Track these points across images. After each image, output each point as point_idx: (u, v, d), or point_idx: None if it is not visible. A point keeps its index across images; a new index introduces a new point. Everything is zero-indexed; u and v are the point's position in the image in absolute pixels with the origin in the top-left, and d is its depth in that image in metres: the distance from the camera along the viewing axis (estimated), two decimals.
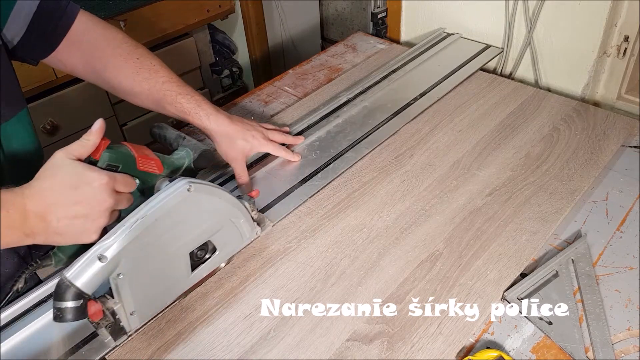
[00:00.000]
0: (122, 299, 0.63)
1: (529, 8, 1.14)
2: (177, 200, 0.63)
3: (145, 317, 0.68)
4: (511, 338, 0.67)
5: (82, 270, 0.57)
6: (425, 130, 1.01)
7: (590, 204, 0.85)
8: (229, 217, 0.72)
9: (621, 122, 0.99)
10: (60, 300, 0.56)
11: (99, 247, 0.58)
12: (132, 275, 0.62)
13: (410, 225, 0.81)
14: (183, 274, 0.70)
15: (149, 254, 0.63)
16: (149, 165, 0.66)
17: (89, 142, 0.60)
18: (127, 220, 0.60)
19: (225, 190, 0.70)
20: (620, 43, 1.08)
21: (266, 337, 0.67)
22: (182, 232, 0.66)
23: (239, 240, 0.77)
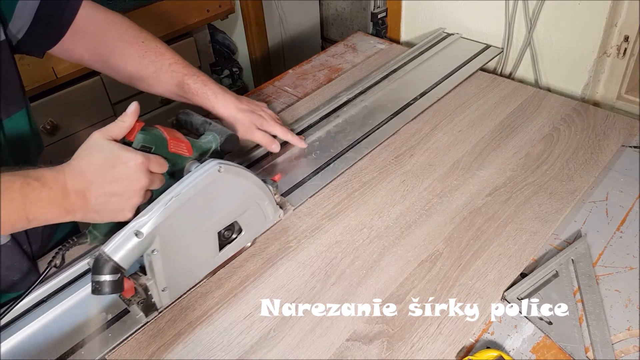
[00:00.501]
0: (154, 275, 0.65)
1: (529, 8, 1.14)
2: (209, 180, 0.66)
3: (176, 294, 0.71)
4: (511, 338, 0.67)
5: (119, 245, 0.60)
6: (425, 130, 1.01)
7: (590, 204, 0.85)
8: (255, 198, 0.75)
9: (621, 122, 0.99)
10: (98, 274, 0.59)
11: (136, 223, 0.61)
12: (165, 252, 0.64)
13: (410, 225, 0.81)
14: (211, 253, 0.73)
15: (181, 232, 0.66)
16: (180, 148, 0.68)
17: (125, 124, 0.62)
18: (162, 199, 0.62)
19: (252, 173, 0.72)
20: (620, 43, 1.08)
21: (266, 337, 0.67)
22: (212, 212, 0.69)
23: (263, 222, 0.80)
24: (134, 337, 0.69)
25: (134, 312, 0.69)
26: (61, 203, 0.57)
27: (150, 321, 0.70)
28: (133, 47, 0.80)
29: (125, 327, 0.69)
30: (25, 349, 0.67)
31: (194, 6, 1.93)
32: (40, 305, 0.72)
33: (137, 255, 0.61)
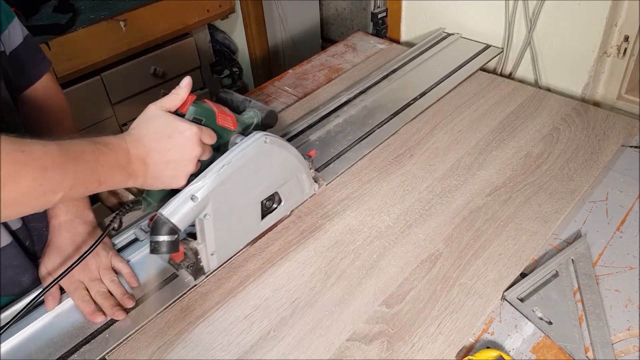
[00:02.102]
0: (205, 240, 0.69)
1: (529, 8, 1.14)
2: (256, 150, 0.70)
3: (222, 258, 0.75)
4: (511, 338, 0.67)
5: (176, 208, 0.64)
6: (425, 130, 1.01)
7: (590, 204, 0.85)
8: (294, 171, 0.80)
9: (621, 122, 0.99)
10: (157, 234, 0.63)
11: (191, 188, 0.65)
12: (216, 217, 0.68)
13: (410, 225, 0.81)
14: (254, 221, 0.77)
15: (230, 199, 0.70)
16: (226, 121, 0.71)
17: (178, 96, 0.65)
18: (214, 166, 0.67)
19: (293, 146, 0.76)
20: (620, 43, 1.08)
21: (266, 337, 0.67)
22: (257, 181, 0.73)
23: (301, 194, 0.84)
24: (134, 337, 0.69)
25: (182, 276, 0.74)
26: (126, 168, 0.60)
27: (150, 321, 0.70)
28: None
29: (175, 290, 0.73)
30: (25, 349, 0.67)
31: (194, 6, 1.93)
32: (40, 307, 0.72)
33: (192, 218, 0.65)
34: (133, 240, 0.82)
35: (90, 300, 0.71)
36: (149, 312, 0.71)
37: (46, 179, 0.52)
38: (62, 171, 0.53)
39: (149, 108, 0.64)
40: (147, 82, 1.91)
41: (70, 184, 0.54)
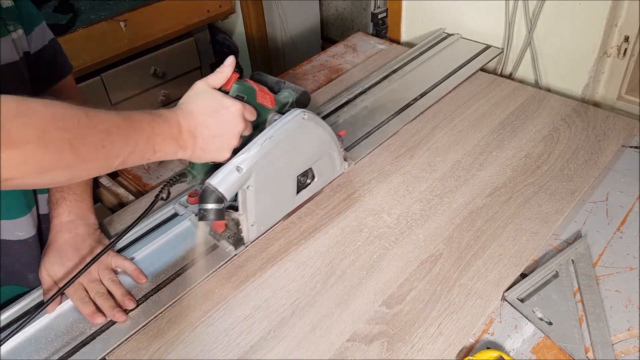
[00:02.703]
0: (246, 211, 0.73)
1: (529, 8, 1.14)
2: (295, 125, 0.74)
3: (261, 229, 0.79)
4: (511, 338, 0.67)
5: (223, 178, 0.68)
6: (426, 130, 1.01)
7: (590, 204, 0.85)
8: (328, 148, 0.84)
9: (621, 122, 0.99)
10: (205, 202, 0.68)
11: (237, 160, 0.69)
12: (257, 188, 0.72)
13: (411, 225, 0.81)
14: (290, 195, 0.82)
15: (271, 172, 0.74)
16: (265, 100, 0.74)
17: (223, 74, 0.69)
18: (258, 140, 0.71)
19: (327, 124, 0.81)
20: (620, 43, 1.08)
21: (266, 338, 0.67)
22: (295, 156, 0.78)
23: (332, 172, 0.89)
24: (134, 337, 0.69)
25: (223, 247, 0.78)
26: (177, 139, 0.64)
27: (150, 321, 0.70)
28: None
29: (216, 260, 0.77)
30: (25, 350, 0.67)
31: (194, 6, 1.92)
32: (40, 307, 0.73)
33: (237, 188, 0.70)
34: (134, 240, 0.82)
35: (90, 301, 0.71)
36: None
37: (109, 141, 0.55)
38: (123, 136, 0.57)
39: (197, 85, 0.68)
40: (147, 82, 1.91)
41: (130, 149, 0.58)
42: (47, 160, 0.50)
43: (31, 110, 0.49)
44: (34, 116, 0.49)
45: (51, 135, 0.50)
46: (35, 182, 0.53)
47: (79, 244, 0.74)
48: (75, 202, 0.77)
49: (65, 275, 0.72)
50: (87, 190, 0.80)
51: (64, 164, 0.52)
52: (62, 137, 0.51)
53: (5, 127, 0.46)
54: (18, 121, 0.47)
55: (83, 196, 0.79)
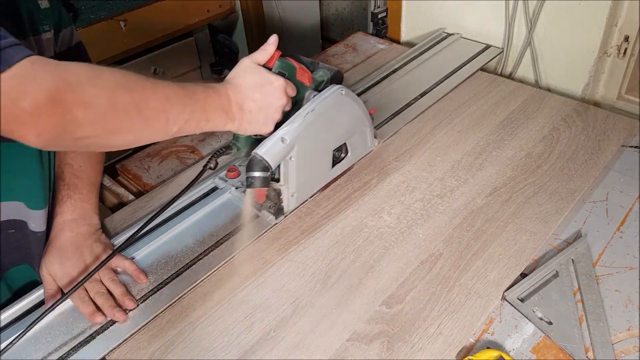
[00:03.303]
0: (288, 181, 0.78)
1: (529, 8, 1.14)
2: (334, 100, 0.79)
3: (299, 200, 0.84)
4: (511, 338, 0.67)
5: (269, 148, 0.73)
6: (426, 130, 1.01)
7: (590, 204, 0.85)
8: (361, 124, 0.89)
9: (621, 122, 0.99)
10: (252, 171, 0.72)
11: (282, 132, 0.74)
12: (299, 160, 0.77)
13: (411, 225, 0.81)
14: (326, 168, 0.86)
15: (311, 145, 0.79)
16: (304, 77, 0.79)
17: (267, 52, 0.74)
18: (300, 113, 0.75)
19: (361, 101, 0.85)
20: (620, 43, 1.08)
21: (266, 337, 0.67)
22: (332, 130, 0.83)
23: (363, 148, 0.93)
24: (134, 337, 0.69)
25: (264, 217, 0.82)
26: (227, 111, 0.68)
27: (151, 321, 0.70)
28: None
29: (258, 228, 0.82)
30: (25, 350, 0.67)
31: (194, 6, 1.92)
32: (39, 307, 0.73)
33: (281, 158, 0.74)
34: (134, 240, 0.81)
35: (90, 301, 0.71)
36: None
37: (169, 106, 0.60)
38: (180, 103, 0.61)
39: (243, 61, 0.73)
40: None
41: (187, 117, 0.62)
42: (116, 121, 0.55)
43: (100, 75, 0.54)
44: (103, 80, 0.54)
45: (119, 97, 0.55)
46: (106, 143, 0.57)
47: (80, 242, 0.74)
48: (80, 202, 0.78)
49: (65, 274, 0.72)
50: (93, 191, 0.81)
51: (130, 126, 0.57)
52: (129, 99, 0.56)
53: (79, 89, 0.51)
54: (90, 83, 0.53)
55: (89, 196, 0.79)
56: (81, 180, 0.79)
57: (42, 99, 0.49)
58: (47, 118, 0.50)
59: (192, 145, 1.05)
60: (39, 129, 0.50)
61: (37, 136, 0.51)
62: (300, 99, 0.79)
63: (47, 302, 0.72)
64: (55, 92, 0.50)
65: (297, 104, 0.78)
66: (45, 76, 0.50)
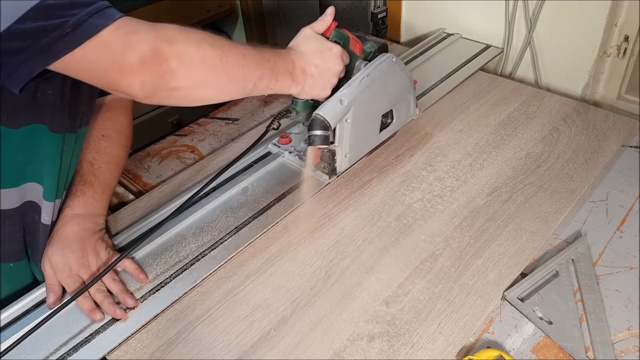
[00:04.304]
0: (342, 142, 0.84)
1: (529, 8, 1.14)
2: (386, 67, 0.85)
3: (351, 161, 0.90)
4: (511, 338, 0.67)
5: (329, 109, 0.79)
6: (426, 130, 1.01)
7: (590, 204, 0.85)
8: (407, 92, 0.94)
9: (621, 122, 0.99)
10: (313, 130, 0.79)
11: (340, 94, 0.80)
12: (353, 122, 0.82)
13: (411, 225, 0.81)
14: (375, 133, 0.92)
15: (365, 108, 0.84)
16: (355, 47, 0.85)
17: (325, 22, 0.81)
18: (357, 77, 0.82)
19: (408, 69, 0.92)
20: (620, 43, 1.08)
21: (266, 337, 0.67)
22: (382, 96, 0.88)
23: (406, 115, 0.98)
24: (134, 337, 0.69)
25: (318, 177, 0.89)
26: (291, 74, 0.74)
27: (151, 321, 0.70)
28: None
29: (311, 188, 0.88)
30: (25, 350, 0.67)
31: (194, 6, 1.92)
32: (39, 307, 0.73)
33: (339, 119, 0.80)
34: (134, 240, 0.82)
35: (90, 297, 0.71)
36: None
37: (246, 62, 0.66)
38: (255, 61, 0.67)
39: (304, 30, 0.80)
40: None
41: (259, 75, 0.68)
42: (204, 73, 0.61)
43: (188, 32, 0.60)
44: (191, 36, 0.60)
45: (206, 51, 0.61)
46: (194, 95, 0.63)
47: (85, 238, 0.74)
48: (92, 200, 0.78)
49: (65, 265, 0.72)
50: (106, 192, 0.81)
51: (216, 79, 0.63)
52: (213, 53, 0.62)
53: (174, 43, 0.58)
54: (181, 38, 0.59)
55: (101, 196, 0.80)
56: (97, 180, 0.80)
57: (146, 51, 0.55)
58: (150, 68, 0.56)
59: (192, 145, 1.05)
60: (142, 78, 0.56)
61: (141, 85, 0.57)
62: (351, 68, 0.84)
63: (47, 296, 0.72)
64: (155, 45, 0.56)
65: (348, 72, 0.84)
66: (145, 30, 0.57)
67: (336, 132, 0.81)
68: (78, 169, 0.79)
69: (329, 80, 0.79)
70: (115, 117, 0.85)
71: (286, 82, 0.73)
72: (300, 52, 0.76)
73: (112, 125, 0.84)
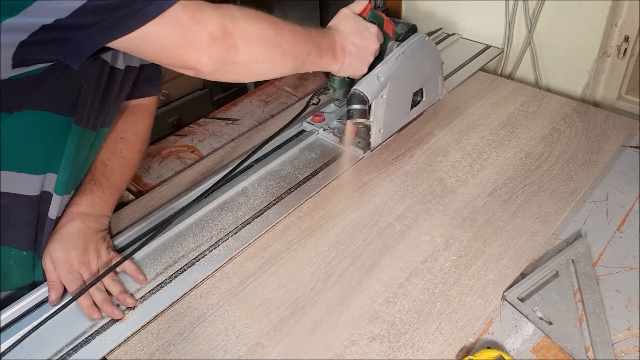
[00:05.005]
0: (377, 117, 0.89)
1: (529, 8, 1.14)
2: (420, 45, 0.90)
3: (385, 136, 0.95)
4: (511, 338, 0.67)
5: (367, 84, 0.84)
6: (426, 130, 1.01)
7: (590, 204, 0.85)
8: (437, 71, 1.00)
9: (621, 122, 0.99)
10: (352, 104, 0.84)
11: (377, 70, 0.85)
12: (388, 98, 0.87)
13: (411, 225, 0.81)
14: (407, 109, 0.97)
15: (399, 85, 0.89)
16: (389, 28, 0.89)
17: (362, 3, 0.85)
18: (393, 55, 0.87)
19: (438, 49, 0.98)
20: (620, 43, 1.08)
21: (266, 337, 0.67)
22: (415, 74, 0.93)
23: (435, 95, 1.03)
24: (134, 337, 0.69)
25: (352, 151, 0.94)
26: (333, 51, 0.78)
27: (151, 322, 0.70)
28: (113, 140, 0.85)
29: (347, 161, 0.94)
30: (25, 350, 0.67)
31: None
32: (40, 307, 0.73)
33: (376, 94, 0.84)
34: (133, 240, 0.82)
35: (88, 295, 0.71)
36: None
37: (295, 39, 0.70)
38: (303, 38, 0.72)
39: (343, 11, 0.84)
40: None
41: (307, 51, 0.73)
42: (263, 48, 0.66)
43: (246, 10, 0.65)
44: (250, 14, 0.65)
45: (264, 28, 0.66)
46: (253, 70, 0.68)
47: (88, 236, 0.75)
48: (100, 200, 0.79)
49: (66, 261, 0.72)
50: (115, 195, 0.82)
51: (272, 54, 0.67)
52: (270, 30, 0.67)
53: (237, 20, 0.62)
54: (242, 15, 0.63)
55: (109, 198, 0.80)
56: (108, 181, 0.80)
57: (215, 27, 0.60)
58: (218, 44, 0.61)
59: (192, 145, 1.06)
60: (211, 52, 0.61)
61: (209, 59, 0.61)
62: (384, 49, 0.89)
63: (49, 293, 0.72)
64: (222, 22, 0.60)
65: (381, 52, 0.88)
66: (210, 8, 0.60)
67: (372, 107, 0.85)
68: (91, 168, 0.80)
69: (366, 58, 0.83)
70: (136, 122, 0.87)
71: (328, 60, 0.78)
72: (340, 31, 0.80)
73: (132, 129, 0.86)
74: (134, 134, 0.86)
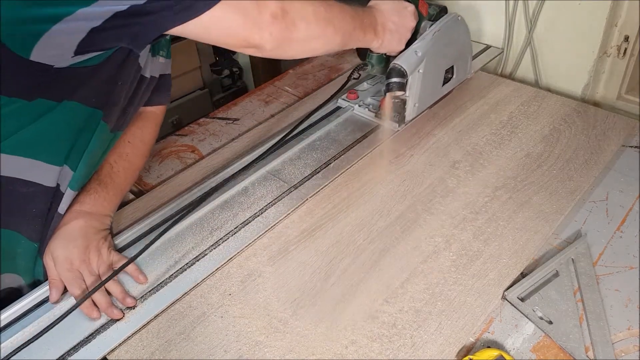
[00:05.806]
0: (413, 92, 0.91)
1: (529, 8, 1.14)
2: (453, 23, 0.94)
3: (418, 110, 0.98)
4: (511, 337, 0.67)
5: (406, 58, 0.88)
6: (426, 130, 1.01)
7: (590, 204, 0.85)
8: (467, 51, 1.04)
9: (621, 122, 0.99)
10: (392, 77, 0.88)
11: (415, 46, 0.89)
12: (424, 73, 0.90)
13: (411, 224, 0.81)
14: (439, 85, 1.00)
15: (434, 61, 0.92)
16: (423, 8, 0.93)
17: None
18: (430, 32, 0.90)
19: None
20: (620, 43, 1.08)
21: (266, 337, 0.67)
22: (448, 51, 0.97)
23: (464, 73, 1.06)
24: (134, 337, 0.69)
25: (387, 125, 0.99)
26: (375, 29, 0.83)
27: (151, 321, 0.70)
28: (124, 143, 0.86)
29: (381, 134, 0.98)
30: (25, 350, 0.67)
31: None
32: (40, 307, 0.73)
33: (413, 69, 0.88)
34: (133, 240, 0.82)
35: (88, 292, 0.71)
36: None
37: (344, 16, 0.75)
38: (349, 15, 0.76)
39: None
40: None
41: (353, 27, 0.77)
42: (316, 26, 0.70)
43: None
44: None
45: (316, 6, 0.70)
46: (308, 47, 0.73)
47: (90, 235, 0.75)
48: (104, 201, 0.79)
49: (66, 258, 0.72)
50: (118, 196, 0.82)
51: (324, 32, 0.72)
52: (321, 6, 0.70)
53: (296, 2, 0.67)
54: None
55: (112, 199, 0.81)
56: (113, 182, 0.81)
57: (275, 8, 0.64)
58: (279, 22, 0.65)
59: (193, 145, 1.06)
60: (271, 31, 0.65)
61: (271, 36, 0.65)
62: (418, 28, 0.92)
63: (50, 291, 0.72)
64: (281, 3, 0.65)
65: (415, 32, 0.91)
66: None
67: (409, 81, 0.88)
68: (98, 168, 0.81)
69: (403, 35, 0.87)
70: (145, 128, 0.88)
71: (370, 36, 0.82)
72: (381, 10, 0.84)
73: (140, 134, 0.87)
74: (141, 139, 0.87)
